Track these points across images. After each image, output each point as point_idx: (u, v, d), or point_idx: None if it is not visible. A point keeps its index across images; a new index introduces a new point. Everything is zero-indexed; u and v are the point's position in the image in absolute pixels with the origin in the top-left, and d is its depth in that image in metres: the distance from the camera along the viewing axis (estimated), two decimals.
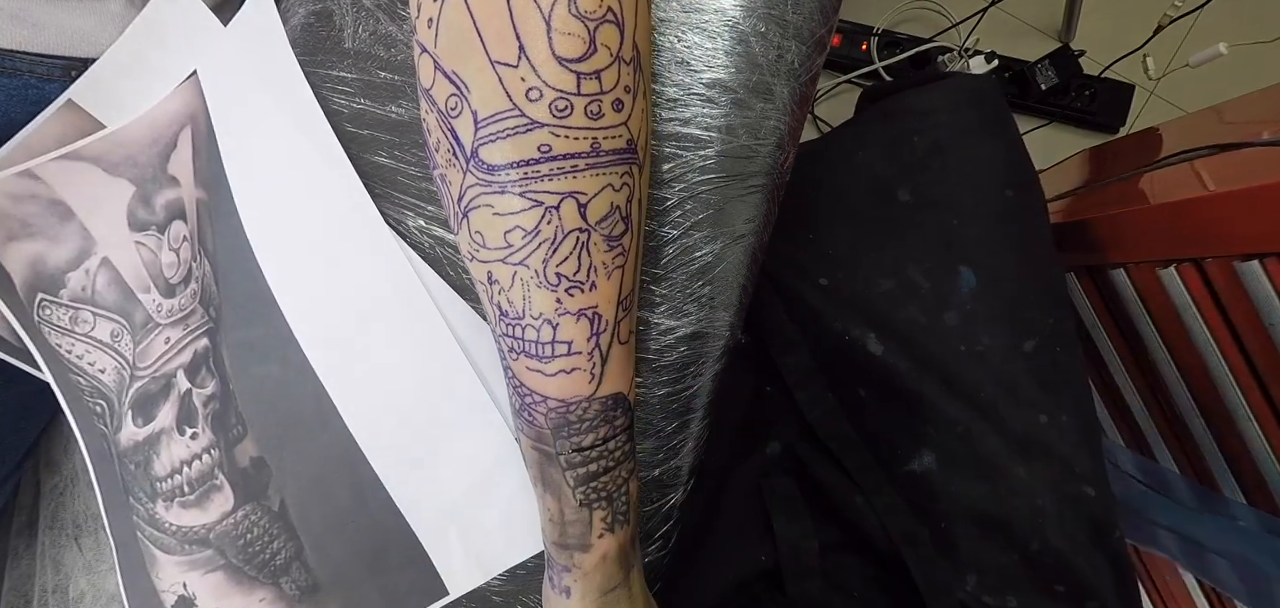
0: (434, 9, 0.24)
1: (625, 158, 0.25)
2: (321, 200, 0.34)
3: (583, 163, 0.24)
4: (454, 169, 0.25)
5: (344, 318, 0.33)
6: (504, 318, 0.26)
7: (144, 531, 0.36)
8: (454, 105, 0.24)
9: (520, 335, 0.26)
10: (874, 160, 0.48)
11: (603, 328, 0.26)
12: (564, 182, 0.24)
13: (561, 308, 0.25)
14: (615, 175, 0.25)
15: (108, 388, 0.37)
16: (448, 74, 0.24)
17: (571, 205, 0.24)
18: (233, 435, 0.35)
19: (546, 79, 0.23)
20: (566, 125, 0.24)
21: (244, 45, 0.35)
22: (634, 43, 0.25)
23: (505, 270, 0.25)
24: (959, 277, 0.44)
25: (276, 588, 0.35)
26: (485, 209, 0.25)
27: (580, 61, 0.23)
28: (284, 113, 0.34)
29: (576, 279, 0.25)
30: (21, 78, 0.34)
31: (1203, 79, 1.09)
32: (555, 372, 0.26)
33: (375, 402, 0.34)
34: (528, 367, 0.26)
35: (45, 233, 0.36)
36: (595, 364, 0.26)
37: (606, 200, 0.25)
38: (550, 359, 0.26)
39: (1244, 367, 0.48)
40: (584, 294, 0.25)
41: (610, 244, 0.26)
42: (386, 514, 0.34)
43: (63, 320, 0.37)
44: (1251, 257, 0.44)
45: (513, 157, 0.24)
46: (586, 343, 0.26)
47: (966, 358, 0.44)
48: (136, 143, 0.36)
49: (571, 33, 0.23)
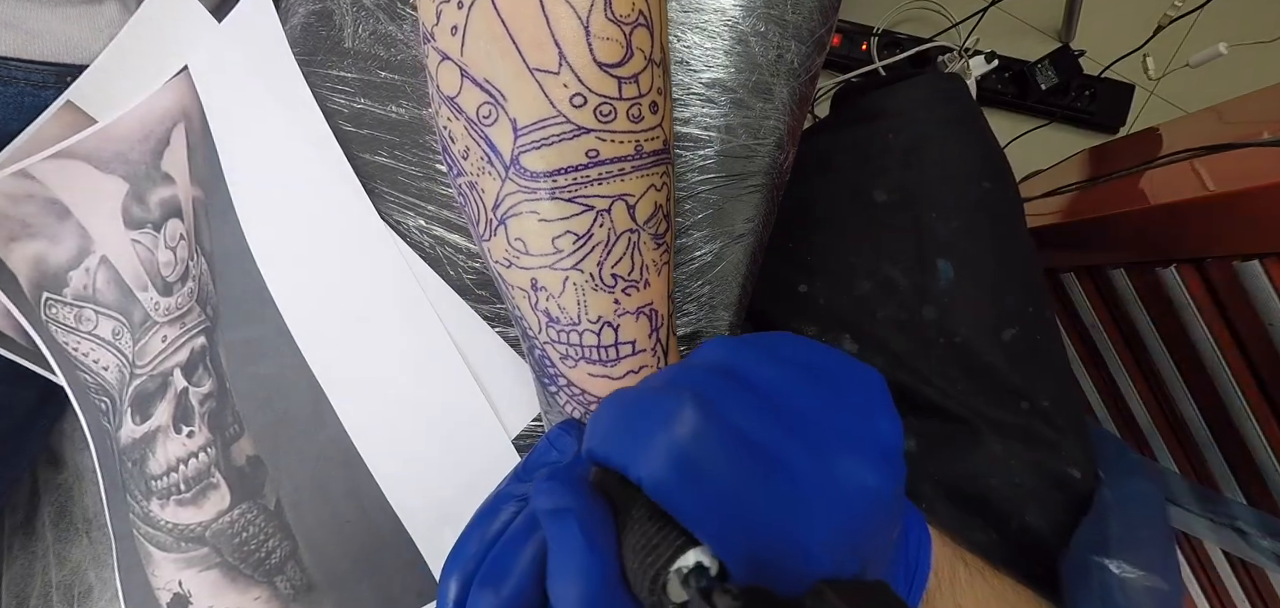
0: (459, 16, 0.24)
1: (663, 158, 0.26)
2: (319, 199, 0.34)
3: (629, 166, 0.24)
4: (488, 176, 0.25)
5: (341, 317, 0.33)
6: (553, 324, 0.26)
7: (139, 528, 0.36)
8: (488, 113, 0.24)
9: (577, 342, 0.25)
10: (848, 165, 0.48)
11: (660, 323, 0.26)
12: (613, 185, 0.24)
13: (619, 308, 0.25)
14: (656, 176, 0.25)
15: (110, 385, 0.37)
16: (479, 82, 0.24)
17: (621, 207, 0.25)
18: (229, 434, 0.35)
19: (589, 85, 0.23)
20: (611, 130, 0.24)
21: (240, 42, 0.35)
22: (661, 44, 0.25)
23: (554, 276, 0.25)
24: (936, 270, 0.45)
25: (271, 587, 0.35)
26: (529, 216, 0.24)
27: (619, 66, 0.24)
28: (281, 111, 0.34)
29: (631, 279, 0.25)
30: (16, 86, 0.34)
31: (1203, 79, 1.09)
32: (624, 373, 0.26)
33: (371, 401, 0.34)
34: (591, 372, 0.26)
35: (45, 232, 0.36)
36: (660, 359, 0.26)
37: (651, 201, 0.25)
38: (616, 362, 0.26)
39: (1244, 367, 0.48)
40: (640, 293, 0.26)
41: (657, 242, 0.26)
42: (381, 515, 0.34)
43: (68, 319, 0.37)
44: (1251, 257, 0.44)
45: (558, 163, 0.24)
46: (649, 340, 0.26)
47: (944, 350, 0.44)
48: (126, 139, 0.36)
49: (610, 37, 0.23)
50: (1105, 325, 0.63)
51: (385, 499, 0.34)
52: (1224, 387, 0.50)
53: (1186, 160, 0.55)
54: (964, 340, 0.44)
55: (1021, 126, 1.11)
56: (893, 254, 0.46)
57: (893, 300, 0.45)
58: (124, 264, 0.36)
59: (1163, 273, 0.51)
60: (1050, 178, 0.86)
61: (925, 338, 0.44)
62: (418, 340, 0.33)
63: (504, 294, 0.27)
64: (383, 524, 0.34)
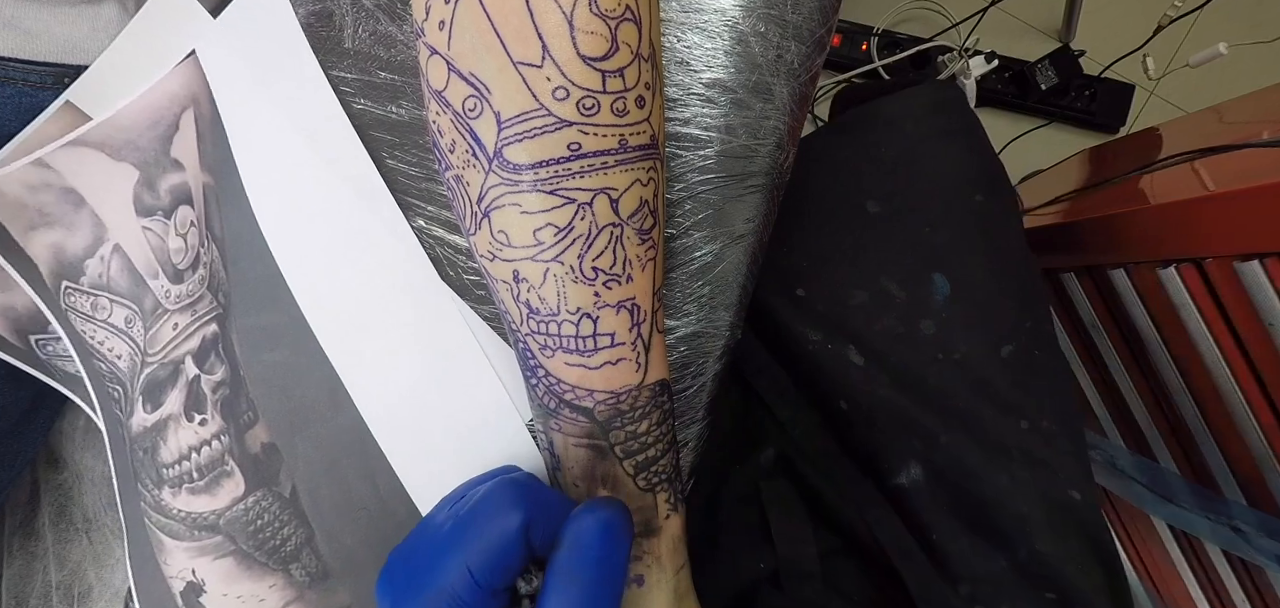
0: (447, 11, 0.24)
1: (650, 153, 0.26)
2: (332, 184, 0.33)
3: (613, 159, 0.24)
4: (473, 169, 0.25)
5: (357, 303, 0.33)
6: (534, 315, 0.26)
7: (150, 517, 0.36)
8: (473, 106, 0.24)
9: (556, 332, 0.26)
10: (842, 171, 0.48)
11: (642, 318, 0.26)
12: (595, 178, 0.24)
13: (599, 301, 0.25)
14: (642, 170, 0.25)
15: (122, 374, 0.37)
16: (464, 75, 0.24)
17: (604, 201, 0.25)
18: (243, 421, 0.35)
19: (572, 78, 0.23)
20: (594, 123, 0.24)
21: (251, 27, 0.35)
22: (650, 40, 0.25)
23: (535, 268, 0.25)
24: (932, 284, 0.44)
25: (286, 574, 0.35)
26: (511, 208, 0.25)
27: (604, 60, 0.24)
28: (293, 96, 0.34)
29: (613, 273, 0.25)
30: (15, 87, 0.34)
31: (1203, 79, 1.09)
32: (600, 363, 0.26)
33: (388, 387, 0.33)
34: (568, 362, 0.26)
35: (62, 221, 0.36)
36: (639, 354, 0.27)
37: (636, 196, 0.25)
38: (594, 352, 0.26)
39: (1244, 367, 0.48)
40: (622, 287, 0.26)
41: (642, 237, 0.26)
42: (397, 501, 0.34)
43: (85, 307, 0.37)
44: (1251, 257, 0.44)
45: (541, 156, 0.24)
46: (629, 333, 0.26)
47: (944, 367, 0.44)
48: (135, 126, 0.36)
49: (594, 31, 0.23)
50: (1105, 325, 0.63)
51: (401, 485, 0.34)
52: (1224, 387, 0.50)
53: (1186, 161, 0.55)
54: (963, 357, 0.43)
55: (1021, 127, 1.11)
56: (888, 266, 0.45)
57: (891, 313, 0.45)
58: (136, 252, 0.36)
59: (1163, 273, 0.51)
60: (1050, 178, 0.86)
61: (926, 354, 0.44)
62: (434, 325, 0.33)
63: (490, 288, 0.28)
64: (399, 510, 0.34)
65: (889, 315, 0.45)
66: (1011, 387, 0.43)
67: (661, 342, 0.28)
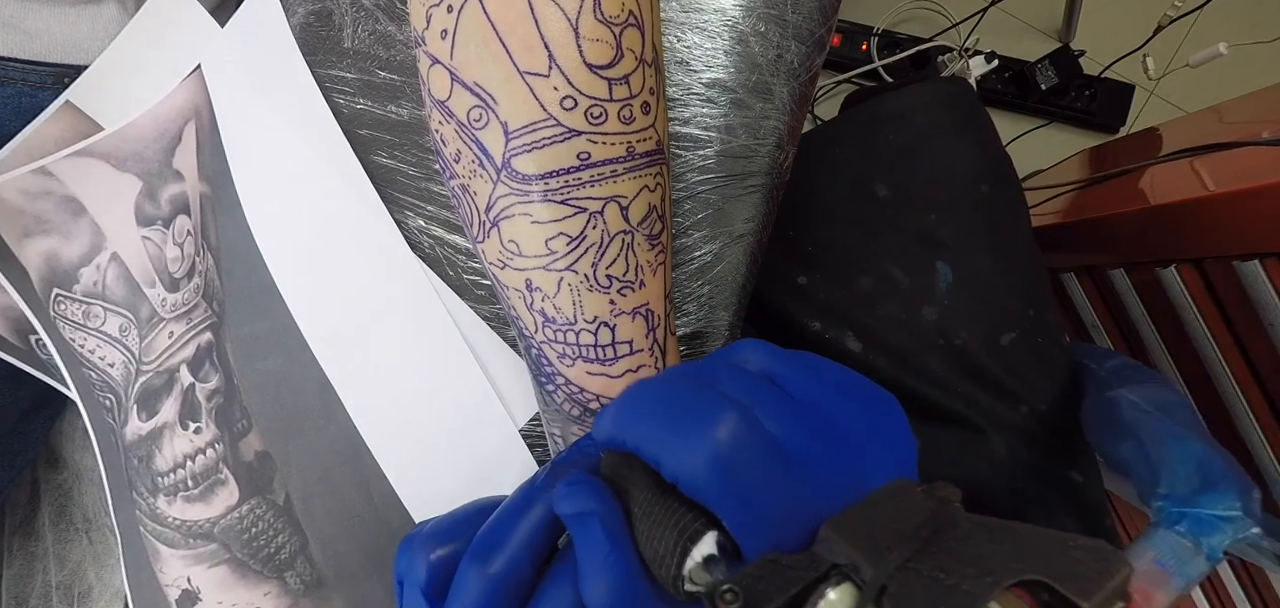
0: (449, 20, 0.24)
1: (656, 159, 0.26)
2: (326, 194, 0.34)
3: (621, 167, 0.24)
4: (480, 179, 0.25)
5: (349, 311, 0.33)
6: (550, 324, 0.26)
7: (146, 525, 0.36)
8: (478, 117, 0.24)
9: (574, 341, 0.26)
10: (850, 158, 0.48)
11: (657, 323, 0.27)
12: (605, 187, 0.24)
13: (615, 309, 0.25)
14: (650, 176, 0.25)
15: (116, 382, 0.37)
16: (469, 85, 0.24)
17: (614, 209, 0.25)
18: (237, 430, 0.35)
19: (580, 87, 0.23)
20: (603, 132, 0.24)
21: (247, 39, 0.35)
22: (653, 44, 0.25)
23: (549, 277, 0.25)
24: (936, 273, 0.45)
25: (281, 582, 0.35)
26: (521, 218, 0.24)
27: (610, 67, 0.24)
28: (288, 106, 0.34)
29: (627, 280, 0.25)
30: (14, 86, 0.34)
31: (1203, 79, 1.09)
32: (622, 372, 0.26)
33: (380, 395, 0.34)
34: (589, 370, 0.26)
35: (59, 229, 0.36)
36: (657, 358, 0.27)
37: (644, 202, 0.25)
38: (614, 361, 0.26)
39: (1244, 367, 0.48)
40: (636, 293, 0.26)
41: (652, 243, 0.26)
42: (391, 509, 0.34)
43: (76, 315, 0.37)
44: (1251, 257, 0.44)
45: (550, 165, 0.24)
46: (645, 339, 0.26)
47: (945, 352, 0.44)
48: (143, 138, 0.36)
49: (599, 39, 0.23)
50: (1105, 325, 0.63)
51: (395, 493, 0.34)
52: (1224, 387, 0.50)
53: (1186, 160, 0.55)
54: (963, 344, 0.44)
55: (1021, 126, 1.11)
56: (893, 252, 0.46)
57: (894, 299, 0.45)
58: (134, 261, 0.36)
59: (1163, 273, 0.51)
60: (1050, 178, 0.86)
61: (927, 339, 0.44)
62: (425, 334, 0.33)
63: (499, 294, 0.28)
64: (392, 518, 0.34)
65: (892, 302, 0.45)
66: (1010, 374, 0.44)
67: (675, 344, 0.28)
